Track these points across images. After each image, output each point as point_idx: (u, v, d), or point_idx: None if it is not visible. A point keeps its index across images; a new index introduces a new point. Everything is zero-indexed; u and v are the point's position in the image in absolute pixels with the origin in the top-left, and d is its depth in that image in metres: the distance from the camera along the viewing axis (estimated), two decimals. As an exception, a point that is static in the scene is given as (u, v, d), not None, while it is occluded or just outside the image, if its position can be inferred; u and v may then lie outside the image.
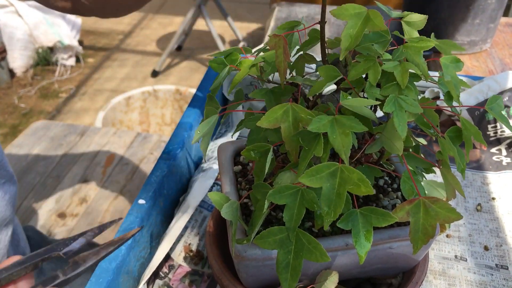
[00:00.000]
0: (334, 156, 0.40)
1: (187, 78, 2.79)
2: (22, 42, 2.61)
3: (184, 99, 2.07)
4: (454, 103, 0.41)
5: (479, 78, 0.82)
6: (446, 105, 0.41)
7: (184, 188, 0.67)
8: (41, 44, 2.70)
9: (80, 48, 2.87)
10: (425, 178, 0.44)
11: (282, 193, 0.35)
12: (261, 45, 0.48)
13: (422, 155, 0.44)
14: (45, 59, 2.76)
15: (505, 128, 0.75)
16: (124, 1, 0.64)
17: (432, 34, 0.42)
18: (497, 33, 1.10)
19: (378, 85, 0.39)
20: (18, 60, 2.66)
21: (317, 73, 0.44)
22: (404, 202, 0.36)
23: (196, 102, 0.74)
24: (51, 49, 2.77)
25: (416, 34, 0.42)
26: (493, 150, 0.76)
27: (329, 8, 1.24)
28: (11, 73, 2.69)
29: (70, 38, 2.77)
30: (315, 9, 1.23)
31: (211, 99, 0.46)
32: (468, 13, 0.95)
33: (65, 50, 2.80)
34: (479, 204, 0.67)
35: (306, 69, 0.48)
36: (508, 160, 0.74)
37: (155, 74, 2.82)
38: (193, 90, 1.95)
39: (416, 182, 0.39)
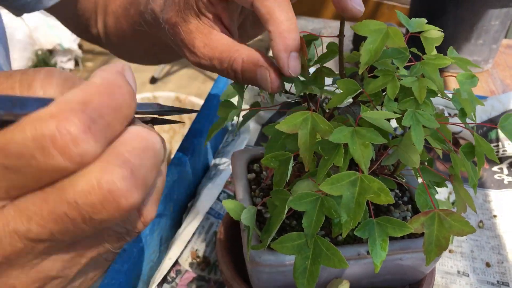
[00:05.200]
0: (350, 166, 0.41)
1: (186, 86, 2.80)
2: (21, 43, 2.60)
3: (184, 106, 2.07)
4: (467, 120, 0.42)
5: (482, 97, 0.83)
6: (454, 122, 0.43)
7: (192, 194, 0.68)
8: (40, 46, 2.69)
9: (79, 52, 2.87)
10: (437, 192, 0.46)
11: (302, 200, 0.36)
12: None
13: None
14: (44, 61, 2.75)
15: (507, 147, 0.76)
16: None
17: (450, 48, 0.43)
18: (498, 54, 1.12)
19: (395, 100, 0.40)
20: (17, 61, 2.65)
21: (331, 86, 0.45)
22: (419, 213, 0.37)
23: (207, 109, 0.75)
24: (50, 52, 2.77)
25: (434, 50, 0.43)
26: (495, 168, 0.77)
27: (333, 22, 1.25)
28: (9, 74, 2.69)
29: (70, 41, 2.77)
30: (320, 23, 1.25)
31: (227, 102, 0.46)
32: (472, 33, 0.97)
33: (64, 53, 2.80)
34: (481, 221, 0.68)
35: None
36: (510, 179, 0.75)
37: (153, 80, 2.82)
38: (193, 98, 1.95)
39: (431, 195, 0.40)
